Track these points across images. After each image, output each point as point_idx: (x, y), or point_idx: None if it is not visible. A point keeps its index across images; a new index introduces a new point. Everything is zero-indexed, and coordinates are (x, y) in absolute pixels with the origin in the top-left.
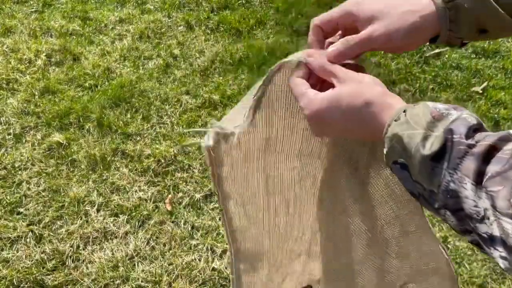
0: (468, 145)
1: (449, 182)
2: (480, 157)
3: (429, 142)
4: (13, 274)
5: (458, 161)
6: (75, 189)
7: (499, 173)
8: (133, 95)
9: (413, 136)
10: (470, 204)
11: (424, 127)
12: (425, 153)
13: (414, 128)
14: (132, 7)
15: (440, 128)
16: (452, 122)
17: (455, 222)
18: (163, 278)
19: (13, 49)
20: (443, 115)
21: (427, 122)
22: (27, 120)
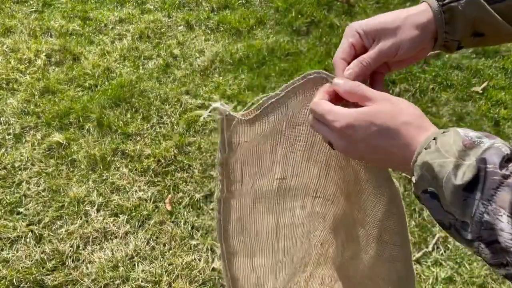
0: (503, 175)
1: (483, 214)
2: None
3: (461, 171)
4: (13, 274)
5: (492, 192)
6: (75, 189)
7: None
8: (133, 95)
9: (444, 165)
10: (506, 237)
11: (456, 156)
12: (457, 182)
13: (445, 156)
14: (132, 7)
15: (472, 157)
16: (484, 151)
17: (490, 255)
18: (163, 278)
19: (13, 49)
20: (475, 144)
21: (459, 151)
22: (27, 120)
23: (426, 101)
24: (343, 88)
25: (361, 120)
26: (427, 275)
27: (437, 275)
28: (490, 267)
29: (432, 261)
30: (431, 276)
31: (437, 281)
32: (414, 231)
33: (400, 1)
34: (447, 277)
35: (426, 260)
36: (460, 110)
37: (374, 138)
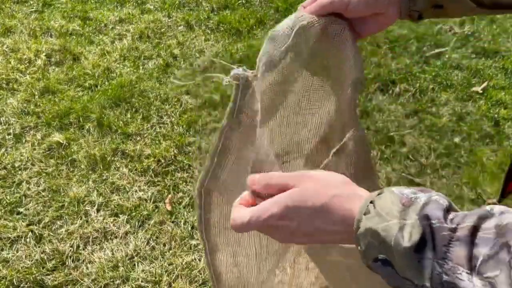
0: (450, 229)
1: (441, 274)
2: (468, 241)
3: (407, 232)
4: (13, 274)
5: (445, 249)
6: (75, 189)
7: (491, 256)
8: (133, 95)
9: (388, 229)
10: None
11: (398, 217)
12: (406, 245)
13: (387, 219)
14: (132, 7)
15: (413, 215)
16: (423, 206)
17: None
18: (163, 278)
19: (13, 49)
20: (412, 200)
21: (399, 211)
22: (27, 120)
23: (426, 101)
24: (258, 185)
25: (289, 210)
26: None
27: None
28: None
29: None
30: None
31: None
32: None
33: None
34: None
35: None
36: (460, 110)
37: (308, 222)
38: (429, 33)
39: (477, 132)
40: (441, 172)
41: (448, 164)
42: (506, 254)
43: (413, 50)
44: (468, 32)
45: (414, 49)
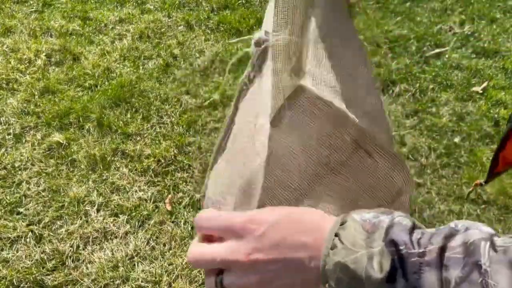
0: (419, 254)
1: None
2: (437, 265)
3: (376, 262)
4: (13, 274)
5: (416, 276)
6: (75, 189)
7: (463, 278)
8: (133, 95)
9: (357, 261)
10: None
11: (364, 246)
12: (377, 276)
13: (355, 251)
14: (132, 7)
15: (379, 241)
16: (388, 230)
17: None
18: (163, 278)
19: (13, 49)
20: (375, 225)
21: (365, 240)
22: (27, 120)
23: (426, 101)
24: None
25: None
26: None
27: None
28: None
29: None
30: None
31: None
32: None
33: (399, 1)
34: None
35: None
36: (460, 110)
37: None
38: (429, 33)
39: (477, 132)
40: (441, 172)
41: (448, 164)
42: (477, 275)
43: (413, 50)
44: (468, 32)
45: (414, 49)
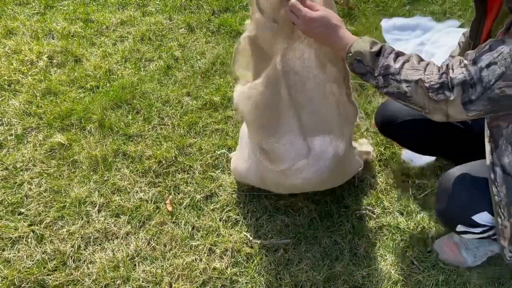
0: (391, 50)
1: (386, 63)
2: (395, 54)
3: (374, 48)
4: (14, 274)
5: (387, 55)
6: (76, 189)
7: (406, 60)
8: (134, 96)
9: (365, 47)
10: (393, 70)
11: (370, 42)
12: (372, 50)
13: (366, 45)
14: (134, 9)
15: (377, 46)
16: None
17: (381, 82)
18: (164, 279)
19: (15, 50)
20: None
21: (370, 42)
22: (28, 121)
23: None
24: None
25: (317, 17)
26: (427, 278)
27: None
28: (378, 90)
29: (432, 263)
30: (432, 279)
31: (437, 284)
32: (414, 232)
33: (399, 4)
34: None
35: (426, 262)
36: None
37: (322, 29)
38: None
39: None
40: (440, 173)
41: (448, 165)
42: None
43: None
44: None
45: None
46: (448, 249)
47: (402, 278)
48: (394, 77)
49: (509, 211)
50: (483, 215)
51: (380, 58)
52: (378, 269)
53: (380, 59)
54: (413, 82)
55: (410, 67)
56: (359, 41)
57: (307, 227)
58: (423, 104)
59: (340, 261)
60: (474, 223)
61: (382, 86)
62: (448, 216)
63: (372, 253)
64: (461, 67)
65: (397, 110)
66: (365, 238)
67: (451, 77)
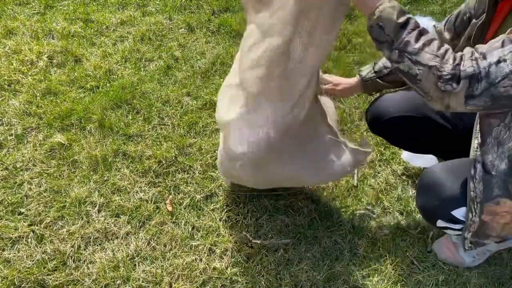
0: (416, 26)
1: (405, 38)
2: (418, 32)
3: (400, 19)
4: (14, 274)
5: (410, 30)
6: (76, 189)
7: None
8: (134, 96)
9: (392, 14)
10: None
11: (398, 11)
12: (398, 21)
13: (393, 12)
14: (134, 9)
15: (405, 18)
16: (413, 17)
17: (395, 56)
18: (163, 279)
19: (15, 50)
20: (402, 11)
21: (398, 11)
22: (28, 121)
23: None
24: None
25: None
26: (427, 278)
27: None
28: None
29: (432, 263)
30: (432, 279)
31: (437, 284)
32: (414, 232)
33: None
34: (446, 279)
35: (426, 262)
36: None
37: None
38: None
39: None
40: None
41: None
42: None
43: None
44: None
45: None
46: (447, 249)
47: (402, 278)
48: (411, 57)
49: (481, 208)
50: (462, 211)
51: (402, 32)
52: (378, 269)
53: (402, 33)
54: (427, 67)
55: (430, 51)
56: (386, 6)
57: (307, 227)
58: (428, 91)
59: (340, 261)
60: (454, 219)
61: (395, 61)
62: (428, 210)
63: (372, 253)
64: (471, 60)
65: (385, 108)
66: (365, 238)
67: (461, 69)
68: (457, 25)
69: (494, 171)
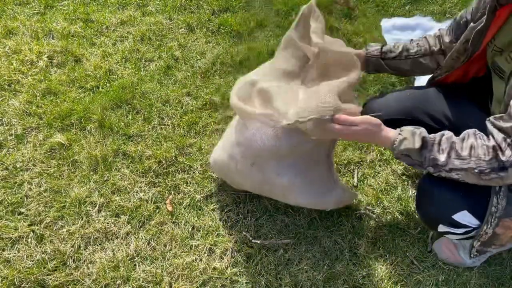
0: (433, 141)
1: (432, 157)
2: (437, 145)
3: (416, 143)
4: (14, 274)
5: (431, 147)
6: (76, 189)
7: (446, 151)
8: (134, 96)
9: (409, 144)
10: (441, 163)
11: (412, 137)
12: (416, 147)
13: (410, 142)
14: (134, 9)
15: (419, 139)
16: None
17: (432, 170)
18: (163, 279)
19: (15, 50)
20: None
21: (412, 137)
22: (28, 121)
23: None
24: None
25: (361, 120)
26: (427, 278)
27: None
28: (431, 174)
29: (432, 263)
30: (432, 279)
31: (437, 284)
32: (414, 232)
33: (399, 4)
34: (446, 279)
35: (426, 262)
36: None
37: (368, 128)
38: None
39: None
40: None
41: None
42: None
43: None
44: None
45: None
46: (447, 249)
47: (402, 278)
48: (444, 168)
49: (498, 222)
50: (463, 214)
51: (425, 152)
52: (378, 269)
53: (426, 153)
54: (463, 170)
55: (456, 156)
56: (401, 139)
57: (307, 227)
58: (477, 182)
59: (340, 261)
60: (455, 223)
61: (434, 172)
62: (429, 215)
63: (372, 253)
64: (509, 149)
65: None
66: (365, 238)
67: (503, 160)
68: (455, 29)
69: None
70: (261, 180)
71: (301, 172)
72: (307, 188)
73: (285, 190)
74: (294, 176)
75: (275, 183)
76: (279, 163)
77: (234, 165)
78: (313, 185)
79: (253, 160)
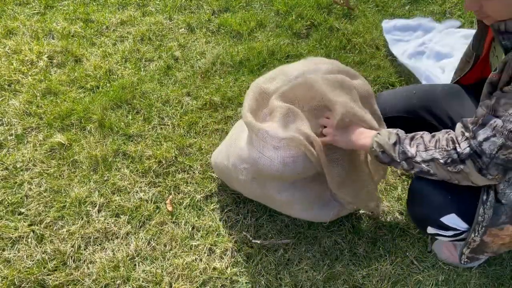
0: (406, 136)
1: (402, 149)
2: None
3: (391, 139)
4: (14, 274)
5: (402, 141)
6: (76, 189)
7: (415, 144)
8: (135, 96)
9: (384, 140)
10: (411, 154)
11: (388, 136)
12: (390, 142)
13: (385, 138)
14: (134, 9)
15: (394, 136)
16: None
17: (406, 166)
18: (164, 279)
19: (15, 50)
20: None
21: (387, 135)
22: (29, 121)
23: None
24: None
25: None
26: (427, 278)
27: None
28: (405, 171)
29: (432, 263)
30: (432, 279)
31: (437, 283)
32: (414, 232)
33: (399, 4)
34: (446, 279)
35: (426, 262)
36: None
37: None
38: None
39: None
40: None
41: None
42: (426, 139)
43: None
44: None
45: None
46: (446, 249)
47: (402, 278)
48: (414, 159)
49: (485, 231)
50: (451, 217)
51: (398, 146)
52: (378, 269)
53: (398, 147)
54: (430, 161)
55: (424, 148)
56: (378, 136)
57: (307, 227)
58: (449, 177)
59: (340, 261)
60: (444, 225)
61: (409, 169)
62: (418, 217)
63: (372, 253)
64: (464, 141)
65: (383, 107)
66: (365, 238)
67: (459, 152)
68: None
69: (504, 200)
70: (261, 194)
71: (302, 188)
72: (306, 204)
73: (285, 205)
74: (294, 192)
75: (275, 199)
76: (280, 182)
77: (235, 175)
78: (313, 200)
79: (255, 176)
